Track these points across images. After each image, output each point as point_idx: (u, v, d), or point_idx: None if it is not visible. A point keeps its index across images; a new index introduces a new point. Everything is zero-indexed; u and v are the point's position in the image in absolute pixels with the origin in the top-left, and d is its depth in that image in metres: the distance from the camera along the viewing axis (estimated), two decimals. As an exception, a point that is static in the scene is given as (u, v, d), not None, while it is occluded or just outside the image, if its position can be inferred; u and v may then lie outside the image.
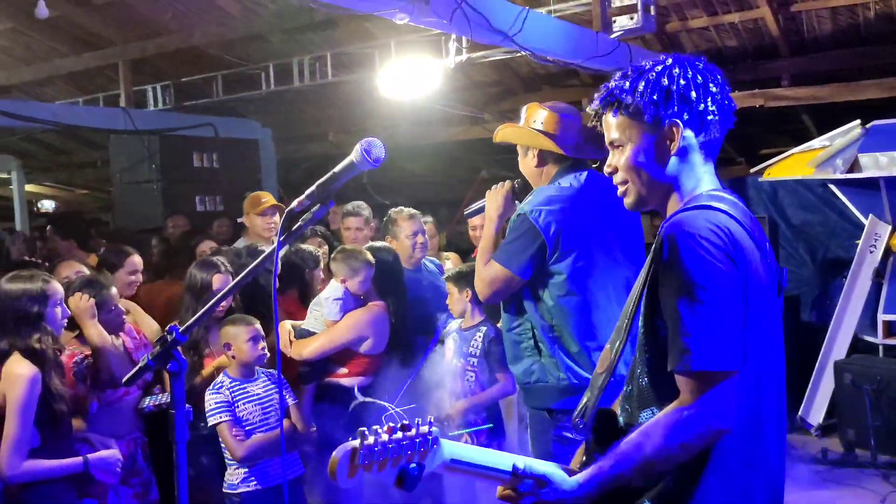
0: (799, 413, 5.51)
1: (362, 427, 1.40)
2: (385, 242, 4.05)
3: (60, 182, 12.57)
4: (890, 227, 5.49)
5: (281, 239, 1.81)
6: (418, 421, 1.44)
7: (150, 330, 3.57)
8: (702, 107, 1.62)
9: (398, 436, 1.41)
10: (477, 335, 3.63)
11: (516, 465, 1.53)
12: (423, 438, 1.43)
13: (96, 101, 8.84)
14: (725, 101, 1.66)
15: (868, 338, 5.52)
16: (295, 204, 1.80)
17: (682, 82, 1.62)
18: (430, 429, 1.44)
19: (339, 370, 3.66)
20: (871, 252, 5.53)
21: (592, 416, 1.65)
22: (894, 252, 5.48)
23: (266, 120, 8.95)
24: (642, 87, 1.63)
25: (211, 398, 3.24)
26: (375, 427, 1.40)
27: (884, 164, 5.30)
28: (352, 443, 1.39)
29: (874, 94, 6.20)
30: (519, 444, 3.90)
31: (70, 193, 12.99)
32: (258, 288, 3.66)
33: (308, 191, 1.79)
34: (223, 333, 3.32)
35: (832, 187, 5.93)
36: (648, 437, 1.50)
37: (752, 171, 6.68)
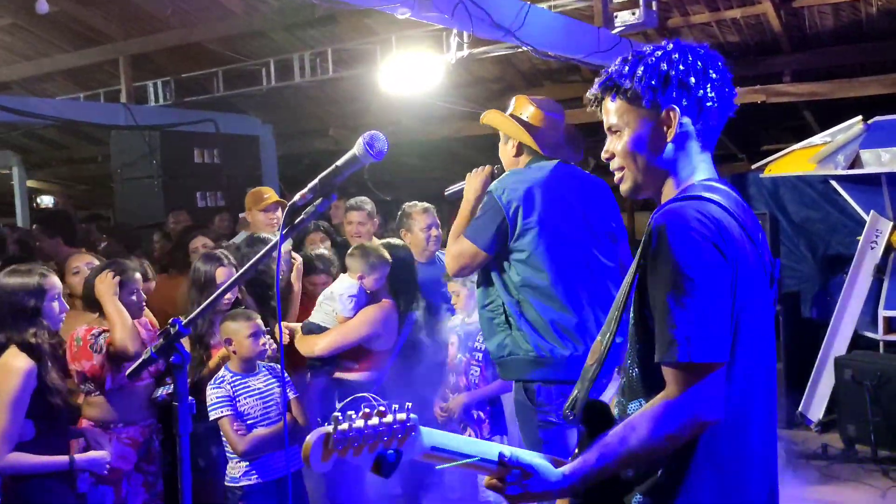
0: (799, 409, 5.51)
1: (336, 412, 1.40)
2: (398, 239, 4.07)
3: (61, 178, 12.57)
4: (891, 224, 5.48)
5: (283, 232, 1.80)
6: (395, 407, 1.43)
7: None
8: (701, 93, 1.60)
9: (374, 422, 1.39)
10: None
11: (503, 454, 1.52)
12: (400, 425, 1.42)
13: (97, 96, 8.84)
14: (726, 88, 1.63)
15: (869, 334, 5.52)
16: (297, 198, 1.79)
17: (682, 68, 1.60)
18: (409, 416, 1.43)
19: (351, 366, 3.67)
20: (872, 248, 5.53)
21: (583, 407, 1.64)
22: (895, 248, 5.47)
23: (267, 116, 8.95)
24: (641, 71, 1.61)
25: (212, 392, 3.24)
26: (350, 412, 1.39)
27: (885, 160, 5.29)
28: (325, 428, 1.38)
29: (876, 91, 6.20)
30: (520, 439, 3.91)
31: (71, 189, 13.00)
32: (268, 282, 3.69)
33: (310, 184, 1.78)
34: (223, 329, 3.33)
35: (833, 183, 5.93)
36: (633, 430, 1.48)
37: (753, 167, 6.68)
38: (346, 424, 1.38)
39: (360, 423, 1.39)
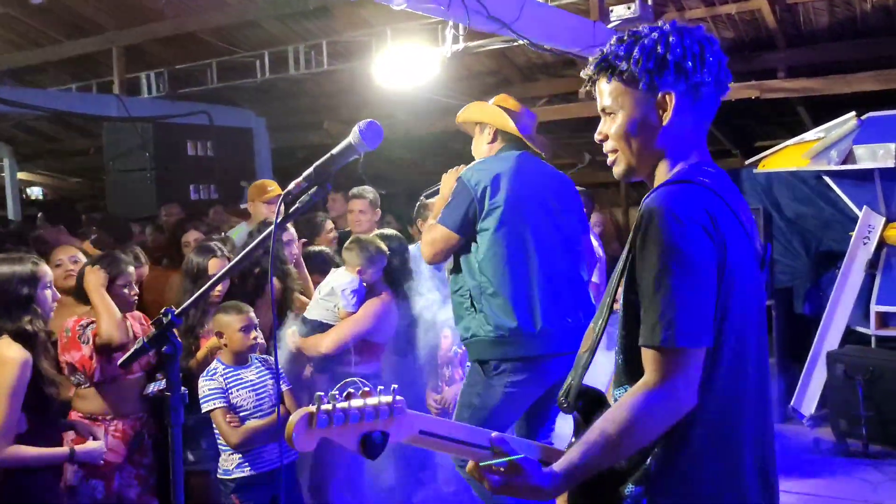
0: (791, 403, 5.53)
1: (319, 393, 1.39)
2: (392, 230, 4.08)
3: (52, 170, 12.48)
4: (884, 219, 5.50)
5: (278, 221, 1.80)
6: (380, 389, 1.43)
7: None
8: (697, 77, 1.59)
9: (359, 403, 1.39)
10: None
11: (494, 439, 1.52)
12: (386, 407, 1.42)
13: (89, 87, 8.77)
14: (722, 72, 1.62)
15: (861, 329, 5.54)
16: (292, 186, 1.79)
17: (679, 51, 1.58)
18: (395, 398, 1.43)
19: (351, 359, 3.66)
20: (865, 244, 5.54)
21: (576, 395, 1.64)
22: (888, 244, 5.48)
23: (261, 108, 8.91)
24: (637, 53, 1.59)
25: (204, 385, 3.23)
26: (334, 392, 1.39)
27: (879, 155, 5.30)
28: (309, 407, 1.38)
29: (869, 87, 6.20)
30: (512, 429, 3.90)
31: (62, 181, 12.91)
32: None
33: (305, 173, 1.78)
34: (215, 321, 3.32)
35: (827, 179, 5.94)
36: (613, 421, 1.47)
37: (746, 162, 6.68)
38: (329, 405, 1.37)
39: (345, 403, 1.38)
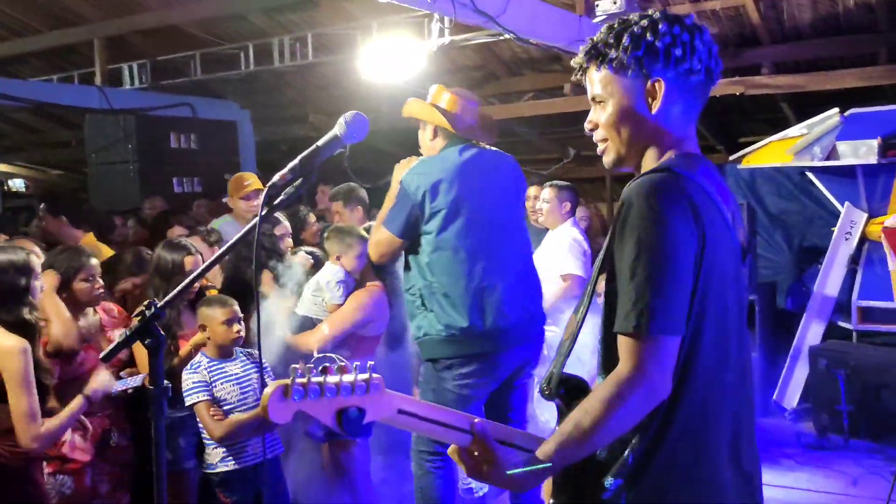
0: (774, 397, 5.58)
1: (294, 366, 1.39)
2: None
3: (33, 162, 12.33)
4: (866, 215, 5.55)
5: (262, 213, 1.78)
6: (356, 365, 1.43)
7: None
8: (687, 66, 1.58)
9: (335, 378, 1.39)
10: None
11: (475, 425, 1.51)
12: (364, 384, 1.42)
13: (71, 78, 8.67)
14: (712, 61, 1.61)
15: (843, 324, 5.59)
16: (277, 178, 1.77)
17: (669, 39, 1.57)
18: (372, 375, 1.43)
19: (344, 354, 3.64)
20: (847, 239, 5.59)
21: (558, 382, 1.63)
22: (869, 239, 5.54)
23: (245, 101, 8.85)
24: (627, 40, 1.58)
25: (188, 378, 3.21)
26: (309, 366, 1.39)
27: (861, 152, 5.34)
28: (284, 380, 1.38)
29: (852, 83, 6.25)
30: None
31: (43, 174, 12.76)
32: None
33: (290, 164, 1.76)
34: (199, 314, 3.30)
35: (810, 175, 5.99)
36: (587, 412, 1.46)
37: (731, 158, 6.72)
38: (304, 378, 1.38)
39: (320, 378, 1.38)
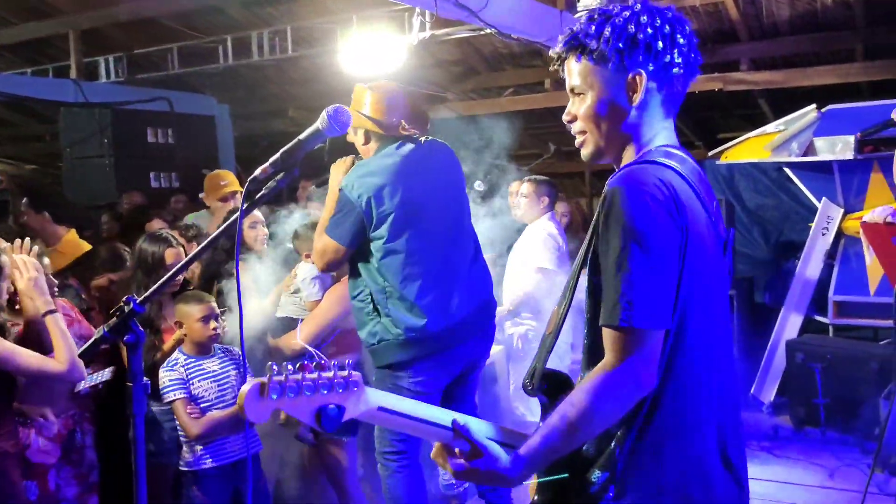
0: (751, 391, 5.63)
1: (271, 363, 1.37)
2: None
3: (6, 156, 12.14)
4: (842, 210, 5.61)
5: (244, 208, 1.76)
6: (334, 363, 1.41)
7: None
8: (668, 58, 1.57)
9: (313, 375, 1.38)
10: None
11: (456, 422, 1.50)
12: (342, 381, 1.40)
13: (45, 72, 8.54)
14: (692, 54, 1.61)
15: (819, 318, 5.65)
16: (258, 172, 1.75)
17: (650, 31, 1.56)
18: (351, 372, 1.41)
19: (329, 350, 3.61)
20: (824, 235, 5.65)
21: (541, 377, 1.62)
22: (846, 235, 5.60)
23: (223, 95, 8.76)
24: (608, 32, 1.57)
25: (165, 375, 3.17)
26: (286, 363, 1.37)
27: (838, 148, 5.40)
28: (261, 378, 1.36)
29: (829, 80, 6.33)
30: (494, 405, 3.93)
31: (16, 168, 12.57)
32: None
33: (272, 158, 1.75)
34: (176, 311, 3.26)
35: (787, 171, 6.04)
36: (572, 405, 1.46)
37: (710, 154, 6.77)
38: (282, 375, 1.36)
39: (298, 375, 1.37)
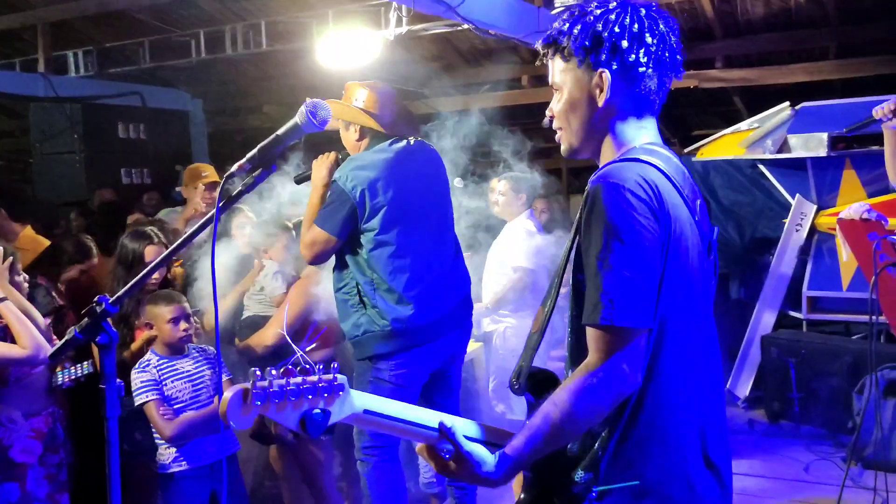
0: (727, 386, 5.68)
1: (253, 369, 1.35)
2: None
3: (-26, 152, 11.90)
4: (815, 207, 5.67)
5: (220, 205, 1.71)
6: (319, 366, 1.39)
7: None
8: (632, 57, 1.56)
9: (297, 380, 1.35)
10: None
11: (443, 424, 1.49)
12: (327, 385, 1.38)
13: (13, 65, 8.37)
14: (664, 53, 1.59)
15: (793, 313, 5.71)
16: (235, 168, 1.71)
17: (617, 30, 1.56)
18: (335, 376, 1.39)
19: (305, 346, 3.58)
20: (797, 231, 5.71)
21: (527, 377, 1.62)
22: (819, 231, 5.67)
23: (196, 90, 8.66)
24: (577, 30, 1.58)
25: (137, 377, 3.11)
26: (269, 368, 1.35)
27: (812, 145, 5.46)
28: (244, 384, 1.33)
29: (802, 78, 6.40)
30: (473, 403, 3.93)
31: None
32: None
33: (249, 154, 1.71)
34: (146, 312, 3.22)
35: (761, 168, 6.10)
36: (555, 405, 1.45)
37: (685, 151, 6.81)
38: (265, 381, 1.33)
39: (282, 380, 1.34)
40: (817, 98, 5.80)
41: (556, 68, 1.64)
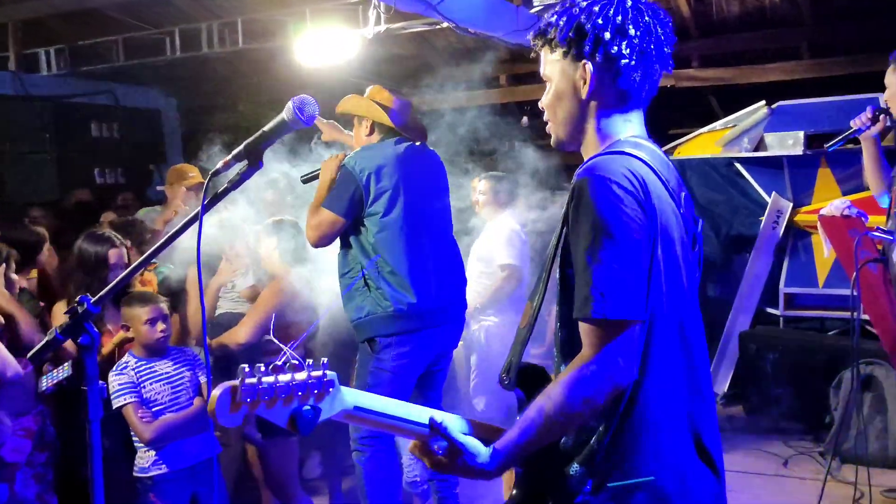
0: (706, 383, 5.72)
1: (243, 366, 1.32)
2: (288, 216, 3.98)
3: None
4: (791, 205, 5.74)
5: (205, 203, 1.68)
6: (309, 362, 1.38)
7: None
8: (615, 49, 1.56)
9: (286, 377, 1.34)
10: None
11: (433, 419, 1.48)
12: (316, 381, 1.37)
13: (-19, 63, 8.20)
14: (649, 45, 1.58)
15: (770, 310, 5.77)
16: (220, 165, 1.69)
17: (600, 21, 1.56)
18: (325, 372, 1.38)
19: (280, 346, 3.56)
20: (774, 229, 5.77)
21: (517, 372, 1.61)
22: (795, 228, 5.73)
23: (171, 88, 8.55)
24: (563, 22, 1.60)
25: (114, 379, 3.07)
26: (259, 365, 1.33)
27: (788, 143, 5.52)
28: (233, 381, 1.31)
29: (777, 77, 6.46)
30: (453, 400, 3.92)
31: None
32: None
33: (235, 150, 1.68)
34: (123, 313, 3.17)
35: (738, 166, 6.15)
36: (549, 398, 1.45)
37: (662, 150, 6.85)
38: (254, 378, 1.31)
39: (271, 377, 1.33)
40: (791, 96, 5.86)
41: (545, 59, 1.66)
